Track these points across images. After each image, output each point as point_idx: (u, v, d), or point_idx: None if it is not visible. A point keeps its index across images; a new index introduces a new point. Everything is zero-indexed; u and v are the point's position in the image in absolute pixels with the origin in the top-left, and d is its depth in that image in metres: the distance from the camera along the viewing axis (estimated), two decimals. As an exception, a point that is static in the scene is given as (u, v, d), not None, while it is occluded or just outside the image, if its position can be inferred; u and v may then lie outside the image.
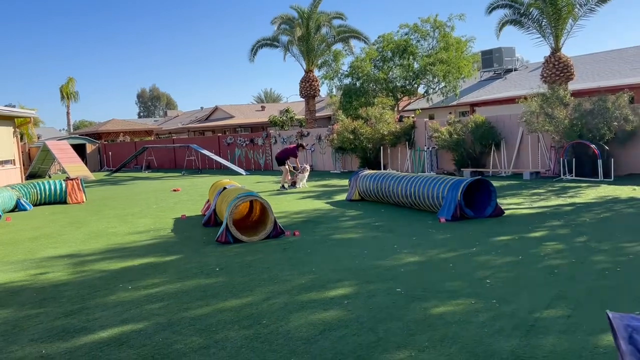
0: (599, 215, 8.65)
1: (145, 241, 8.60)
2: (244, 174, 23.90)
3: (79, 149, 34.28)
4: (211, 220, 9.56)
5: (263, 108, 51.46)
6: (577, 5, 18.12)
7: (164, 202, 14.01)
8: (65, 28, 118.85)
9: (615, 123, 13.33)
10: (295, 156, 16.23)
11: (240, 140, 28.24)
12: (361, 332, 4.14)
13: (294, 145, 16.71)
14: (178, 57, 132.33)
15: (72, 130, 53.53)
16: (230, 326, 4.44)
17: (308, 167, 16.21)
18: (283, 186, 15.45)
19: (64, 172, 26.23)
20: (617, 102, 13.47)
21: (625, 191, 11.18)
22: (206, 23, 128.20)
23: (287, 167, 15.56)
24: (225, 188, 9.72)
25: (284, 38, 27.17)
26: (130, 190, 18.54)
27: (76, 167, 26.58)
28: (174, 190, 17.30)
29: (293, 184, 15.60)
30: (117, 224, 10.57)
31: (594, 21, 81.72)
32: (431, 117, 28.18)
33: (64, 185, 14.99)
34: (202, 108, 62.90)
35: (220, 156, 27.78)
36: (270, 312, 4.73)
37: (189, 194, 15.93)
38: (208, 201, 11.24)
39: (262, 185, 17.61)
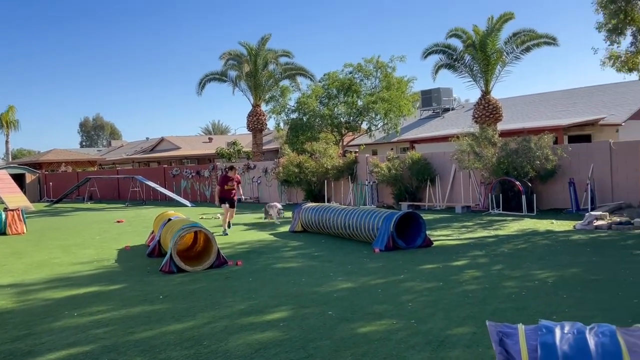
0: (517, 246, 9.52)
1: (90, 271, 8.77)
2: (190, 205, 24.00)
3: (18, 179, 33.28)
4: (155, 250, 9.81)
5: (210, 140, 51.54)
6: (505, 53, 19.72)
7: (108, 233, 14.06)
8: (5, 55, 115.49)
9: (538, 162, 14.53)
10: (227, 182, 13.00)
11: (186, 171, 28.35)
12: (293, 350, 4.62)
13: (223, 174, 13.73)
14: (123, 86, 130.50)
15: (10, 160, 51.73)
16: (173, 347, 4.81)
17: (278, 205, 15.54)
18: (226, 230, 12.96)
19: (1, 202, 25.43)
20: (539, 142, 14.70)
21: (544, 224, 12.21)
22: (154, 53, 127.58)
23: (226, 205, 12.88)
24: (170, 219, 10.03)
25: (232, 73, 27.80)
26: (73, 221, 18.34)
27: (15, 198, 25.90)
28: (118, 222, 17.27)
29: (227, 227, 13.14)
30: (60, 255, 10.62)
31: (520, 67, 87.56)
32: (374, 153, 29.27)
33: (3, 215, 14.76)
34: (147, 138, 62.20)
35: (165, 187, 27.74)
36: (211, 335, 5.13)
37: (133, 225, 15.99)
38: (152, 232, 11.46)
39: (207, 216, 17.84)
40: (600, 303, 5.65)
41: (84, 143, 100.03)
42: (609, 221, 11.52)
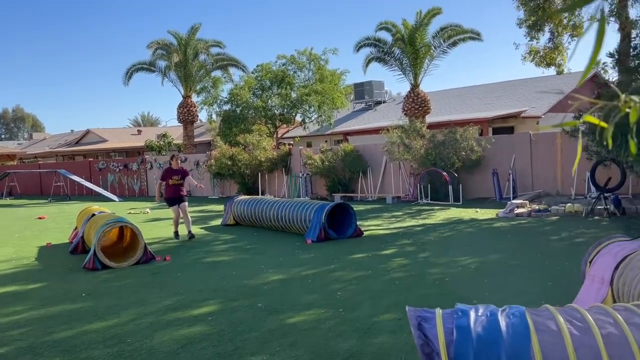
0: (443, 234, 9.85)
1: (7, 270, 8.29)
2: (117, 200, 23.18)
3: None
4: (79, 247, 9.41)
5: (139, 132, 49.90)
6: (433, 47, 20.27)
7: (28, 230, 13.34)
8: None
9: (463, 153, 15.08)
10: (171, 176, 10.49)
11: (113, 165, 27.33)
12: (221, 344, 4.57)
13: (165, 168, 11.11)
14: (46, 76, 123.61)
15: None
16: (95, 346, 4.64)
17: None
18: (177, 233, 10.70)
19: None
20: (465, 134, 15.26)
21: (469, 213, 12.71)
22: (78, 41, 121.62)
23: (175, 205, 10.43)
24: (94, 214, 9.64)
25: (162, 63, 26.98)
26: (-12, 219, 17.25)
27: None
28: (39, 218, 16.44)
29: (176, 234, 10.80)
30: (-27, 254, 9.97)
31: (448, 61, 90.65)
32: (309, 145, 29.36)
33: None
34: (72, 131, 59.42)
35: (91, 182, 26.65)
36: (136, 332, 4.99)
37: (56, 222, 15.27)
38: (76, 228, 10.99)
39: (135, 211, 17.30)
40: (518, 286, 5.95)
41: (3, 136, 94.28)
42: (529, 209, 12.14)
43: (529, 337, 2.70)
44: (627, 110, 1.05)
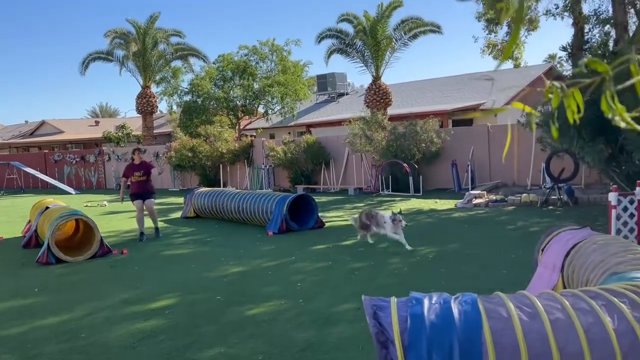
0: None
1: (-47, 266, 7.96)
2: (74, 193, 22.57)
3: None
4: (32, 241, 9.13)
5: (97, 123, 48.59)
6: (394, 39, 20.40)
7: (-22, 225, 12.84)
8: None
9: (423, 145, 15.27)
10: (134, 171, 9.78)
11: (70, 157, 26.56)
12: (178, 337, 4.51)
13: (128, 162, 10.79)
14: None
15: None
16: (47, 342, 4.51)
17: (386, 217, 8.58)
18: (142, 233, 9.82)
19: None
20: (425, 126, 15.44)
21: (428, 204, 12.90)
22: (32, 28, 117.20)
23: (140, 202, 9.71)
24: (48, 207, 9.36)
25: (119, 52, 26.28)
26: (-64, 213, 16.52)
27: None
28: (-9, 212, 15.84)
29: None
30: None
31: (409, 54, 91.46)
32: (272, 137, 29.20)
33: None
34: (26, 122, 57.39)
35: (47, 174, 25.84)
36: (90, 326, 4.87)
37: (8, 215, 14.77)
38: (29, 222, 10.64)
39: (92, 204, 16.87)
40: (474, 275, 6.08)
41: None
42: (486, 199, 12.41)
43: (480, 323, 2.76)
44: (550, 96, 1.07)
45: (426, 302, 2.93)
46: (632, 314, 2.62)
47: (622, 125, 1.07)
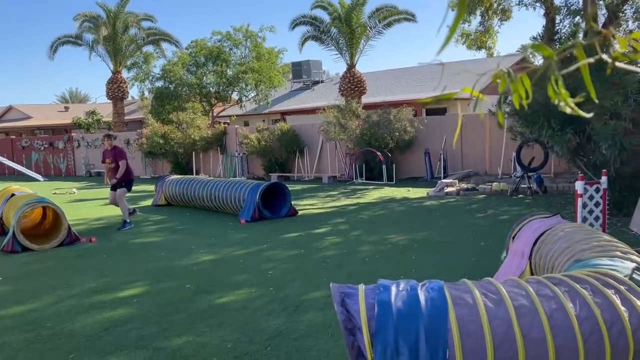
0: (375, 213, 10.01)
1: None
2: (42, 180, 22.07)
3: None
4: (-3, 229, 8.89)
5: (67, 109, 47.49)
6: (369, 27, 20.38)
7: (-60, 212, 12.45)
8: None
9: (397, 133, 15.33)
10: (105, 158, 9.50)
11: (37, 143, 25.94)
12: (146, 326, 4.45)
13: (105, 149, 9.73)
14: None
15: None
16: (10, 332, 4.41)
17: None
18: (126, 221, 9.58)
19: None
20: (398, 115, 15.50)
21: (401, 192, 12.98)
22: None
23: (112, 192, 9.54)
24: (13, 194, 9.12)
25: (89, 36, 25.70)
26: None
27: None
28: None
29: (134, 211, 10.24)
30: None
31: (384, 42, 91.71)
32: (246, 124, 28.94)
33: None
34: (-8, 107, 55.80)
35: (14, 161, 25.20)
36: (56, 316, 4.78)
37: (-27, 203, 14.33)
38: (-6, 209, 10.35)
39: (61, 191, 16.52)
40: (444, 262, 6.14)
41: None
42: (458, 188, 12.54)
43: (446, 310, 2.78)
44: (498, 81, 1.05)
45: (393, 289, 2.94)
46: (593, 299, 2.67)
47: (568, 110, 1.06)
